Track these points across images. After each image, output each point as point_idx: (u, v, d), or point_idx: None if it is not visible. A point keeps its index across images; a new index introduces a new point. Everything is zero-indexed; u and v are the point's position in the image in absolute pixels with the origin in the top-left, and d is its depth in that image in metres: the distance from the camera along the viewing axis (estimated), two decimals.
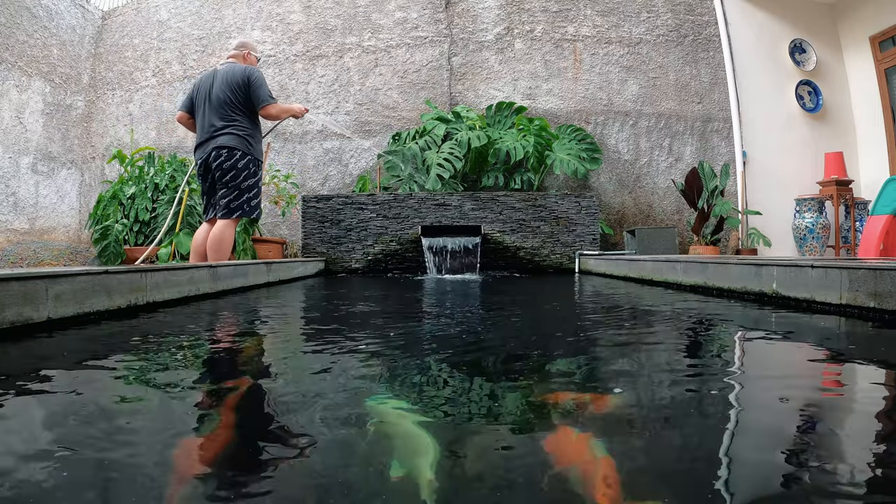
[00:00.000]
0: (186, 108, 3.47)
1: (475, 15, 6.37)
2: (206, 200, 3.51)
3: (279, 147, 6.33)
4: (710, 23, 6.27)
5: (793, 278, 2.00)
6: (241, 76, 3.30)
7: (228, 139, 3.26)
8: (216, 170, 3.29)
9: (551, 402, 0.84)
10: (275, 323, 1.86)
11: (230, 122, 3.28)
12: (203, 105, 3.35)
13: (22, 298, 1.42)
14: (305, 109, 3.59)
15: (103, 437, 0.69)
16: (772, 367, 1.14)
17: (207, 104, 3.32)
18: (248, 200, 3.37)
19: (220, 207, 3.34)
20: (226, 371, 1.15)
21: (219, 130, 3.27)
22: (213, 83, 3.34)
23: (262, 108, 3.33)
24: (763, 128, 6.00)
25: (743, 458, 0.62)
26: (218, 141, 3.27)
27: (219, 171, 3.28)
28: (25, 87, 5.91)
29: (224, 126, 3.27)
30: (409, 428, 0.72)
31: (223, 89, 3.29)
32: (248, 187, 3.35)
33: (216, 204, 3.40)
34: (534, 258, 5.18)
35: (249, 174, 3.35)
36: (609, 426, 0.73)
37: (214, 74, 3.39)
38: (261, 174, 3.48)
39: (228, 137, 3.26)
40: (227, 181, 3.30)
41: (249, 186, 3.36)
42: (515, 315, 2.01)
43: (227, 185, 3.30)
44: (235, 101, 3.29)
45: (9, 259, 5.40)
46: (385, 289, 3.35)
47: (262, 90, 3.31)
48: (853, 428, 0.74)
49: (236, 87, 3.28)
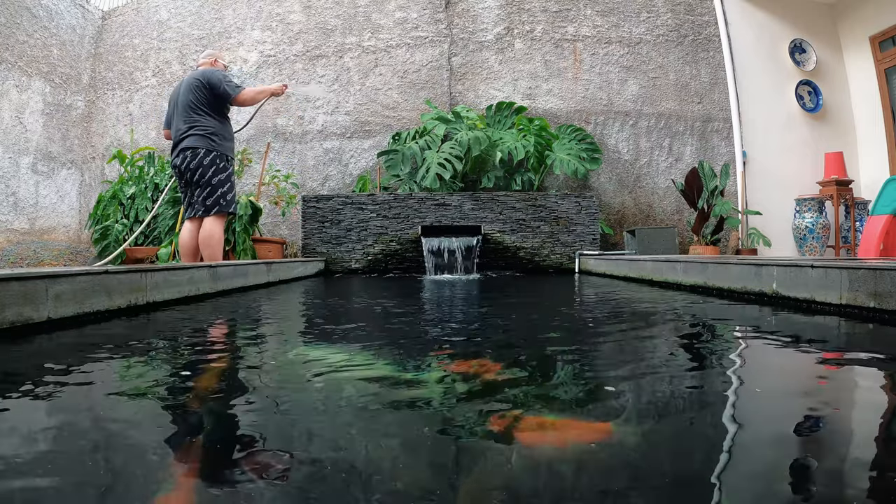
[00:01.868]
0: (167, 124, 3.62)
1: (475, 15, 6.37)
2: (185, 201, 3.61)
3: (279, 147, 6.33)
4: (710, 23, 6.26)
5: (793, 278, 2.00)
6: (200, 77, 3.42)
7: (191, 140, 3.38)
8: (185, 171, 3.40)
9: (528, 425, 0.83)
10: (274, 323, 1.86)
11: (193, 124, 3.39)
12: (174, 113, 3.49)
13: (22, 298, 1.42)
14: (284, 86, 3.66)
15: (98, 439, 0.69)
16: (772, 367, 1.14)
17: (176, 111, 3.47)
18: (223, 195, 3.43)
19: (199, 206, 3.44)
20: (220, 371, 1.15)
21: (184, 133, 3.40)
22: (180, 92, 3.48)
23: (234, 99, 3.42)
24: (763, 128, 6.00)
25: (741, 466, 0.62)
26: (183, 143, 3.39)
27: (188, 172, 3.39)
28: (25, 87, 5.91)
29: (188, 128, 3.39)
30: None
31: (186, 95, 3.42)
32: (219, 182, 3.41)
33: (194, 204, 3.49)
34: (534, 258, 5.18)
35: (218, 170, 3.41)
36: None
37: (180, 85, 3.52)
38: (231, 169, 3.53)
39: (192, 139, 3.38)
40: (197, 180, 3.40)
41: (221, 181, 3.42)
42: (510, 318, 2.01)
43: (199, 184, 3.40)
44: (197, 102, 3.40)
45: (9, 259, 5.40)
46: (385, 289, 3.35)
47: (225, 84, 3.40)
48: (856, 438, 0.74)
49: (196, 89, 3.40)
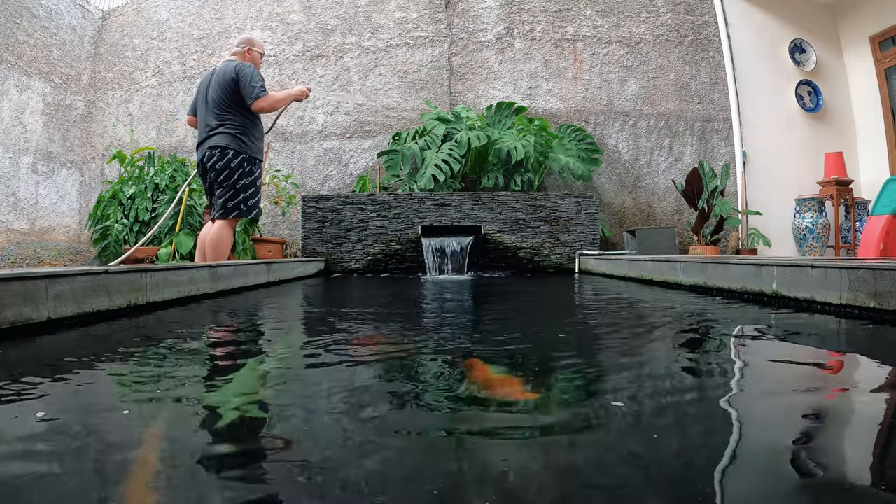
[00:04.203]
0: (192, 111, 3.50)
1: (475, 15, 6.37)
2: (209, 200, 3.50)
3: (279, 147, 6.33)
4: (710, 23, 6.26)
5: (793, 278, 2.00)
6: (231, 73, 3.24)
7: (220, 138, 3.24)
8: (210, 170, 3.27)
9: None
10: (272, 325, 1.86)
11: (223, 122, 3.25)
12: (202, 106, 3.35)
13: (22, 298, 1.42)
14: (308, 89, 3.50)
15: (94, 441, 0.69)
16: (771, 369, 1.14)
17: (204, 104, 3.32)
18: (245, 200, 3.31)
19: (217, 208, 3.33)
20: (215, 372, 1.15)
21: (213, 130, 3.25)
22: (209, 83, 3.34)
23: (253, 104, 3.24)
24: (763, 128, 6.00)
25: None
26: (212, 140, 3.25)
27: (213, 171, 3.26)
28: (25, 87, 5.91)
29: (218, 125, 3.25)
30: None
31: (216, 89, 3.27)
32: (243, 186, 3.29)
33: (215, 204, 3.38)
34: (534, 258, 5.18)
35: (244, 173, 3.28)
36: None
37: (212, 74, 3.38)
38: (258, 172, 3.40)
39: (221, 137, 3.24)
40: (221, 181, 3.27)
41: (245, 186, 3.29)
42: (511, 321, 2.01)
43: (223, 185, 3.28)
44: (227, 99, 3.25)
45: (9, 259, 5.40)
46: (384, 289, 3.35)
47: (251, 86, 3.21)
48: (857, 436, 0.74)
49: (226, 85, 3.24)
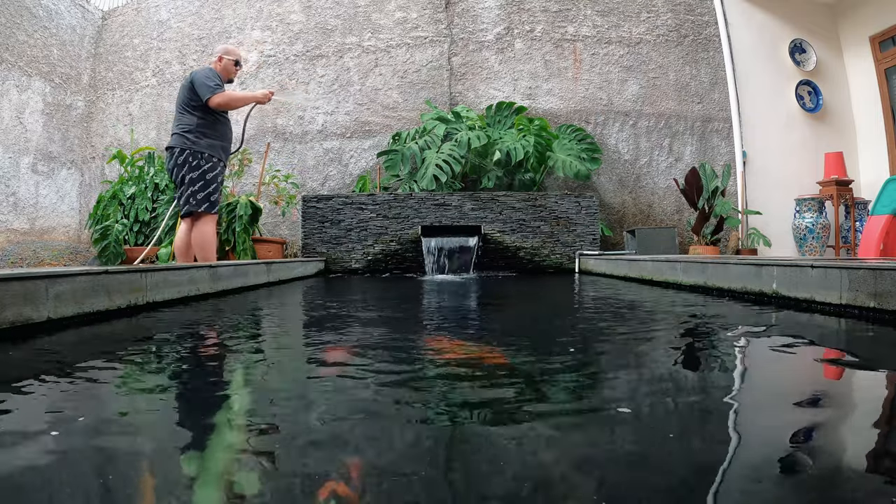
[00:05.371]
0: None
1: (475, 15, 6.37)
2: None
3: (279, 147, 6.33)
4: (710, 23, 6.26)
5: (793, 278, 2.00)
6: (188, 79, 3.41)
7: (172, 140, 3.40)
8: (168, 171, 3.45)
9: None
10: (272, 325, 1.86)
11: (177, 124, 3.40)
12: None
13: (22, 298, 1.42)
14: (270, 93, 3.59)
15: (93, 442, 0.69)
16: (771, 369, 1.14)
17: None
18: (193, 195, 3.33)
19: (182, 206, 3.43)
20: (213, 372, 1.15)
21: (171, 134, 3.42)
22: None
23: (209, 101, 3.31)
24: (763, 128, 6.00)
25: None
26: (168, 144, 3.42)
27: (169, 172, 3.43)
28: (25, 87, 5.91)
29: (174, 129, 3.41)
30: None
31: (179, 95, 3.44)
32: (190, 181, 3.34)
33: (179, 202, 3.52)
34: (534, 258, 5.18)
35: (189, 168, 3.33)
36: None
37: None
38: (207, 167, 3.37)
39: (172, 138, 3.40)
40: (174, 180, 3.42)
41: (192, 180, 3.34)
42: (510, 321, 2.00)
43: (176, 183, 3.42)
44: (182, 103, 3.40)
45: (9, 259, 5.40)
46: (384, 289, 3.35)
47: (205, 85, 3.31)
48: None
49: (183, 89, 3.41)
